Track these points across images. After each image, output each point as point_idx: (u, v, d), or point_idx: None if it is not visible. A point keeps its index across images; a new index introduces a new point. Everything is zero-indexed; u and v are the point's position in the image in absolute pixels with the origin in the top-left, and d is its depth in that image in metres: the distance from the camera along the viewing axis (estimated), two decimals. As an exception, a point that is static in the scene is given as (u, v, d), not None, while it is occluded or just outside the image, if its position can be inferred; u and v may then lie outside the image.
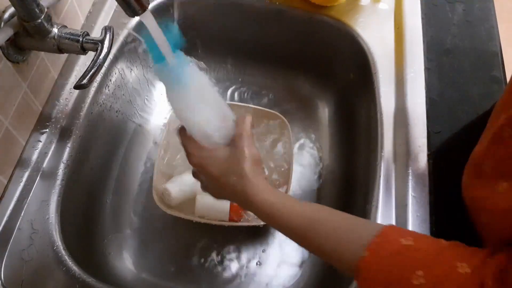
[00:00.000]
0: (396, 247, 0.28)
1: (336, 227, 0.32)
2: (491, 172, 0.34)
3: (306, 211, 0.34)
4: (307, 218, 0.33)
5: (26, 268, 0.42)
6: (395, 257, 0.28)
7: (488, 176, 0.34)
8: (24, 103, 0.47)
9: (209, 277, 0.58)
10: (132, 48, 0.63)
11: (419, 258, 0.27)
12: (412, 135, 0.51)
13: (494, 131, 0.35)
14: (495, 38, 0.61)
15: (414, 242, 0.28)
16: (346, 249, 0.31)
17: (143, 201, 0.64)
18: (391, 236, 0.29)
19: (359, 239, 0.30)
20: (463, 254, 0.28)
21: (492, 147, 0.35)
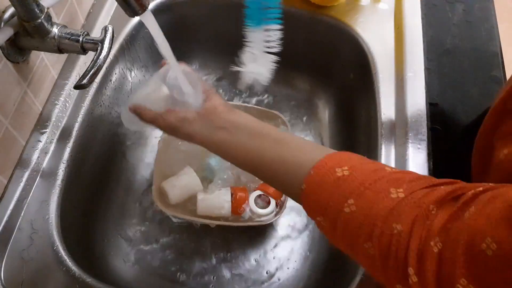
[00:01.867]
0: (331, 177, 0.29)
1: (276, 165, 0.33)
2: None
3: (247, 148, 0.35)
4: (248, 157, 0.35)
5: (26, 268, 0.42)
6: (328, 188, 0.29)
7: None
8: (24, 103, 0.47)
9: (209, 277, 0.58)
10: (132, 48, 0.63)
11: (352, 187, 0.28)
12: (412, 134, 0.51)
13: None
14: (495, 38, 0.61)
15: (350, 171, 0.29)
16: (289, 184, 0.32)
17: (143, 201, 0.64)
18: (327, 166, 0.30)
19: (299, 173, 0.31)
20: (403, 180, 0.27)
21: None
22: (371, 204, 0.27)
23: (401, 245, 0.24)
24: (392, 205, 0.26)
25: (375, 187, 0.27)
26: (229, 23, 0.71)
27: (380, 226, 0.26)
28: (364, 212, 0.27)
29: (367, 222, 0.26)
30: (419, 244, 0.24)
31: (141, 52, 0.66)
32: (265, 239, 0.61)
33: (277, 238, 0.62)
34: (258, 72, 0.57)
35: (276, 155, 0.34)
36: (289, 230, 0.62)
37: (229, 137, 0.36)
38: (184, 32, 0.71)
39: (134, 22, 0.62)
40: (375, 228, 0.26)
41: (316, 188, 0.30)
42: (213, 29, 0.72)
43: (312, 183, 0.30)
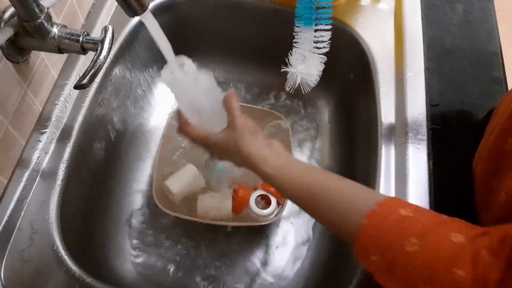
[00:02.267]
0: (394, 216, 0.29)
1: (340, 196, 0.33)
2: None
3: (310, 178, 0.36)
4: (310, 185, 0.35)
5: (26, 268, 0.42)
6: (392, 226, 0.29)
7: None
8: (24, 103, 0.47)
9: (209, 277, 0.58)
10: (132, 48, 0.63)
11: (415, 227, 0.28)
12: (412, 135, 0.51)
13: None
14: (495, 38, 0.61)
15: (413, 214, 0.29)
16: (347, 217, 0.32)
17: (143, 201, 0.64)
18: (391, 206, 0.30)
19: (361, 208, 0.31)
20: (460, 227, 0.28)
21: None
22: (434, 245, 0.27)
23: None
24: (455, 249, 0.26)
25: (437, 230, 0.28)
26: (229, 23, 0.71)
27: (442, 269, 0.26)
28: (427, 253, 0.27)
29: (429, 265, 0.26)
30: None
31: (141, 52, 0.66)
32: (265, 239, 0.61)
33: (277, 238, 0.62)
34: (307, 73, 0.56)
35: (337, 187, 0.34)
36: (289, 230, 0.62)
37: (291, 162, 0.38)
38: (184, 32, 0.71)
39: (134, 22, 0.62)
40: (437, 271, 0.26)
41: (378, 225, 0.29)
42: (213, 29, 0.72)
43: (374, 218, 0.30)
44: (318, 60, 0.56)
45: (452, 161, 0.50)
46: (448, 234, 0.27)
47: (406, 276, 0.27)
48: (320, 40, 0.55)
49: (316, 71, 0.56)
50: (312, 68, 0.56)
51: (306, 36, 0.54)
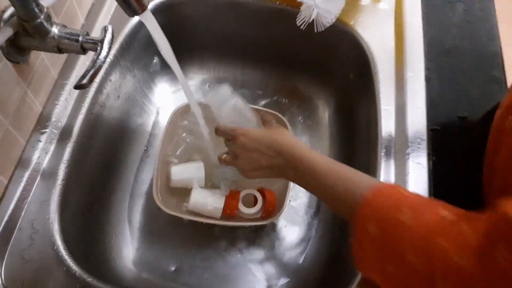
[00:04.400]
0: (394, 192, 0.33)
1: (349, 175, 0.39)
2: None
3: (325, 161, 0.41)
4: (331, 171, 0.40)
5: (26, 268, 0.43)
6: (390, 199, 0.32)
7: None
8: (24, 103, 0.47)
9: (209, 277, 0.58)
10: (132, 48, 0.63)
11: (409, 202, 0.31)
12: (412, 135, 0.51)
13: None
14: (496, 38, 0.61)
15: (410, 194, 0.33)
16: (353, 190, 0.36)
17: (144, 201, 0.64)
18: (392, 185, 0.35)
19: (365, 183, 0.35)
20: (449, 207, 0.31)
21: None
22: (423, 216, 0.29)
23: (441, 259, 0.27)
24: (441, 222, 0.29)
25: (428, 204, 0.31)
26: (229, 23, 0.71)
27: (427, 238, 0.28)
28: (416, 222, 0.29)
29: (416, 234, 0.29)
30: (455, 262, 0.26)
31: (141, 52, 0.66)
32: (265, 239, 0.61)
33: (276, 238, 0.62)
34: (326, 9, 0.49)
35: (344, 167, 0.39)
36: (289, 230, 0.62)
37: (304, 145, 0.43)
38: (184, 32, 0.71)
39: (134, 22, 0.62)
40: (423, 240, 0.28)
41: (378, 196, 0.33)
42: (213, 29, 0.72)
43: (377, 191, 0.33)
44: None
45: (452, 161, 0.50)
46: (437, 208, 0.30)
47: (396, 244, 0.30)
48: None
49: (336, 8, 0.49)
50: (333, 4, 0.49)
51: None
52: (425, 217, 0.29)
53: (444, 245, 0.26)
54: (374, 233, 0.31)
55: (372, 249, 0.32)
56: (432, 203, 0.31)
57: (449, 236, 0.27)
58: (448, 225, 0.28)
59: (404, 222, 0.29)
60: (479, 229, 0.26)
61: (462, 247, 0.26)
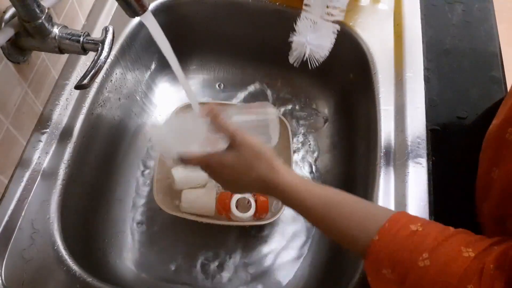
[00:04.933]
0: (405, 232, 0.30)
1: (352, 212, 0.34)
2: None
3: (324, 194, 0.36)
4: (325, 201, 0.35)
5: (26, 268, 0.43)
6: (403, 241, 0.30)
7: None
8: (25, 103, 0.47)
9: (209, 277, 0.58)
10: (132, 48, 0.63)
11: (426, 242, 0.29)
12: (411, 135, 0.51)
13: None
14: (495, 38, 0.61)
15: (422, 228, 0.30)
16: (359, 233, 0.33)
17: (144, 200, 0.64)
18: (401, 221, 0.31)
19: (372, 224, 0.32)
20: (469, 240, 0.29)
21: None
22: (445, 260, 0.28)
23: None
24: (466, 265, 0.27)
25: (447, 244, 0.28)
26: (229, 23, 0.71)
27: (455, 285, 0.27)
28: (438, 268, 0.28)
29: (441, 279, 0.27)
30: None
31: (141, 52, 0.66)
32: (265, 239, 0.61)
33: (276, 238, 0.62)
34: (318, 44, 0.47)
35: (351, 204, 0.34)
36: (288, 230, 0.62)
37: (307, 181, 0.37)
38: (184, 32, 0.72)
39: (134, 22, 0.62)
40: (450, 286, 0.27)
41: (389, 240, 0.30)
42: (213, 29, 0.72)
43: (386, 235, 0.31)
44: (330, 29, 0.47)
45: (452, 160, 0.50)
46: (459, 248, 0.28)
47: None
48: (334, 5, 0.46)
49: (328, 42, 0.48)
50: (324, 39, 0.47)
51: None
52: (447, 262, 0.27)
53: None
54: (391, 277, 0.30)
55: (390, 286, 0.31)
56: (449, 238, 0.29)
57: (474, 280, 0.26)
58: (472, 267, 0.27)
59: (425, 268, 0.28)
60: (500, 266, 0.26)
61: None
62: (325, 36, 0.48)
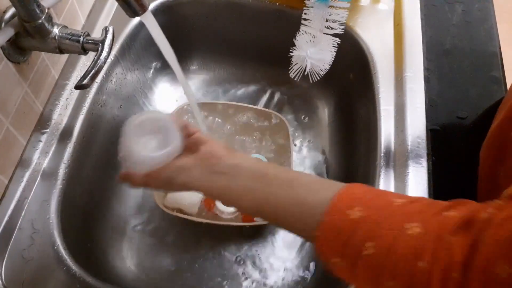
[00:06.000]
0: (344, 222, 0.28)
1: (286, 211, 0.32)
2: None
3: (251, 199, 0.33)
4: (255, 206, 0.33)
5: (26, 268, 0.43)
6: (343, 234, 0.28)
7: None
8: (25, 103, 0.47)
9: (209, 277, 0.58)
10: (132, 48, 0.63)
11: (367, 229, 0.28)
12: (411, 135, 0.51)
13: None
14: (495, 38, 0.61)
15: (362, 211, 0.28)
16: (300, 230, 0.32)
17: (144, 201, 0.64)
18: (339, 210, 0.29)
19: (310, 219, 0.30)
20: (414, 211, 0.27)
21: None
22: (390, 243, 0.27)
23: (425, 281, 0.25)
24: (412, 243, 0.26)
25: (389, 225, 0.27)
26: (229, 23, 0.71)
27: (403, 265, 0.26)
28: (384, 252, 0.27)
29: (389, 263, 0.26)
30: (441, 280, 0.24)
31: (141, 52, 0.66)
32: (265, 239, 0.62)
33: (275, 238, 0.62)
34: (319, 58, 0.47)
35: (284, 199, 0.32)
36: (289, 230, 0.62)
37: (233, 182, 0.34)
38: (184, 32, 0.72)
39: (134, 22, 0.62)
40: (398, 267, 0.26)
41: (330, 235, 0.29)
42: (213, 29, 0.72)
43: (325, 230, 0.29)
44: (330, 42, 0.47)
45: (452, 161, 0.50)
46: (401, 226, 0.27)
47: (369, 274, 0.28)
48: (333, 19, 0.46)
49: (329, 56, 0.47)
50: (325, 52, 0.47)
51: (318, 13, 0.45)
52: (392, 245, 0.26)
53: (424, 266, 0.25)
54: (342, 266, 0.29)
55: (345, 276, 0.30)
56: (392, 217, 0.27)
57: (425, 255, 0.25)
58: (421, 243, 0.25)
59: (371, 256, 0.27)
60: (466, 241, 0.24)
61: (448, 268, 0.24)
62: (325, 50, 0.47)
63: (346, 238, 0.28)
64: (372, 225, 0.28)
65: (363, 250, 0.27)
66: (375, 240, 0.27)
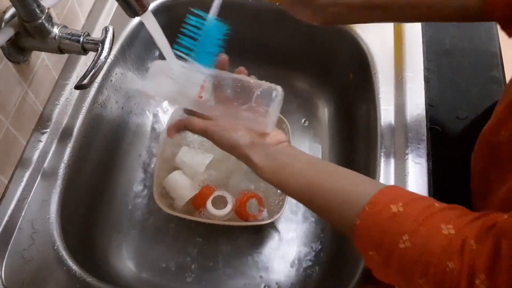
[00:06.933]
0: (386, 214, 0.30)
1: (334, 197, 0.34)
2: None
3: (302, 180, 0.36)
4: (305, 189, 0.36)
5: (26, 268, 0.43)
6: (383, 224, 0.30)
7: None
8: (25, 103, 0.47)
9: (209, 277, 0.58)
10: (132, 48, 0.63)
11: (406, 223, 0.29)
12: (411, 135, 0.51)
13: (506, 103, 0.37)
14: (495, 38, 0.61)
15: (403, 208, 0.30)
16: (342, 218, 0.33)
17: (144, 200, 0.64)
18: (381, 202, 0.31)
19: (353, 207, 0.32)
20: (451, 216, 0.29)
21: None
22: (425, 240, 0.28)
23: (454, 282, 0.26)
24: (445, 242, 0.27)
25: (427, 223, 0.28)
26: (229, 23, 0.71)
27: (435, 263, 0.27)
28: (418, 248, 0.28)
29: (422, 259, 0.27)
30: (468, 282, 0.25)
31: (141, 52, 0.66)
32: (265, 238, 0.62)
33: (275, 238, 0.62)
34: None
35: (332, 186, 0.34)
36: (288, 230, 0.62)
37: (287, 163, 0.37)
38: (184, 32, 0.71)
39: (134, 22, 0.62)
40: (430, 265, 0.27)
41: (370, 224, 0.30)
42: (213, 30, 0.72)
43: (367, 219, 0.31)
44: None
45: (452, 161, 0.50)
46: (439, 226, 0.28)
47: (402, 269, 0.29)
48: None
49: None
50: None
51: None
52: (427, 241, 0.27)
53: (453, 267, 0.26)
54: (377, 259, 0.30)
55: (379, 271, 0.31)
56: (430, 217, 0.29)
57: (455, 256, 0.26)
58: (453, 243, 0.27)
59: (406, 250, 0.28)
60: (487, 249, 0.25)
61: (469, 265, 0.25)
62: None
63: (385, 229, 0.29)
64: (411, 220, 0.29)
65: (399, 242, 0.28)
66: (413, 235, 0.28)
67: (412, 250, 0.28)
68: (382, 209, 0.30)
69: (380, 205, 0.30)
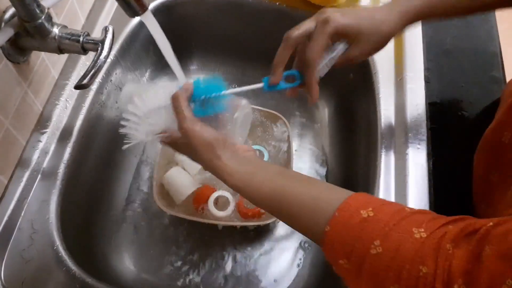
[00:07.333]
0: (355, 219, 0.29)
1: (301, 203, 0.33)
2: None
3: (269, 186, 0.35)
4: (271, 195, 0.35)
5: (26, 268, 0.43)
6: (354, 230, 0.29)
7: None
8: (24, 103, 0.47)
9: (209, 277, 0.58)
10: (132, 48, 0.63)
11: (377, 228, 0.28)
12: (411, 135, 0.51)
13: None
14: (495, 38, 0.61)
15: (374, 213, 0.29)
16: (311, 225, 0.32)
17: (144, 201, 0.64)
18: (351, 208, 0.30)
19: (323, 214, 0.31)
20: (422, 220, 0.28)
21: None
22: (397, 245, 0.27)
23: (428, 287, 0.25)
24: (417, 246, 0.26)
25: (399, 227, 0.28)
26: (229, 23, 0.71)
27: (408, 268, 0.26)
28: (391, 254, 0.27)
29: (394, 264, 0.27)
30: (444, 287, 0.24)
31: (141, 52, 0.66)
32: (265, 237, 0.61)
33: (275, 238, 0.62)
34: None
35: (301, 193, 0.34)
36: (288, 230, 0.62)
37: (259, 170, 0.36)
38: (184, 32, 0.72)
39: (134, 22, 0.62)
40: (403, 270, 0.26)
41: (341, 230, 0.30)
42: (213, 29, 0.72)
43: (337, 225, 0.30)
44: None
45: (452, 161, 0.50)
46: (410, 230, 0.27)
47: (374, 277, 0.28)
48: None
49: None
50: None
51: None
52: (398, 246, 0.27)
53: (426, 272, 0.25)
54: (348, 267, 0.29)
55: (350, 279, 0.30)
56: (401, 221, 0.28)
57: (428, 260, 0.25)
58: (425, 248, 0.26)
59: (378, 256, 0.27)
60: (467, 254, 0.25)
61: (445, 269, 0.25)
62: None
63: (355, 234, 0.29)
64: (382, 225, 0.28)
65: (371, 248, 0.27)
66: (384, 240, 0.27)
67: (383, 255, 0.27)
68: (353, 214, 0.29)
69: (351, 210, 0.30)
